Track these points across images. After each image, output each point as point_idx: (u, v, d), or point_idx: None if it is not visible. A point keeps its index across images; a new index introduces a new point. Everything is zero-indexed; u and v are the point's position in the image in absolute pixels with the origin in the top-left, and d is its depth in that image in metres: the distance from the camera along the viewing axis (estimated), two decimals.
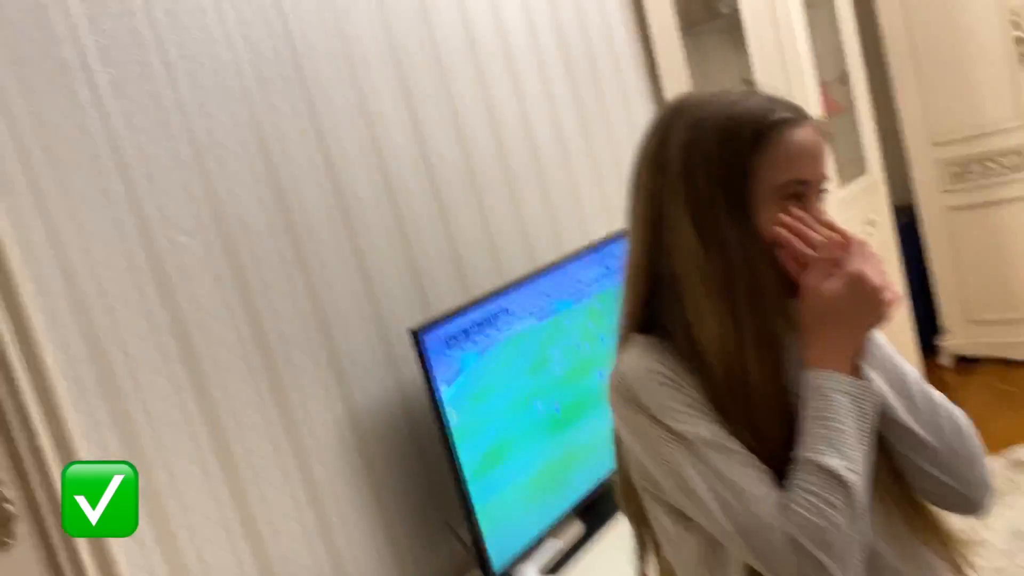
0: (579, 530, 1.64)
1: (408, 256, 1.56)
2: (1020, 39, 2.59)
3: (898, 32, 2.84)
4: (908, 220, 2.98)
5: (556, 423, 1.63)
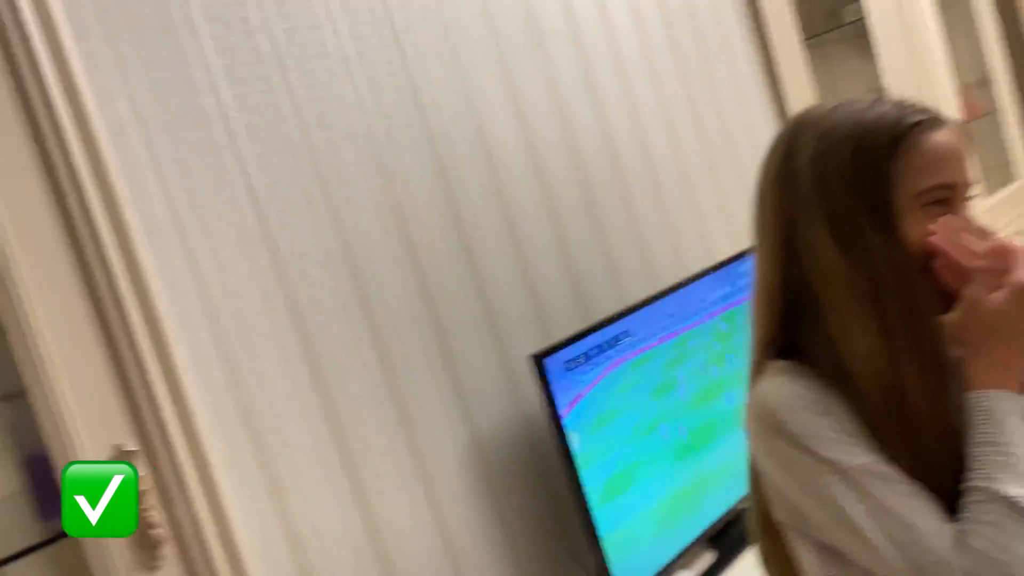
0: (710, 559, 1.59)
1: (527, 282, 1.57)
2: None
3: None
4: None
5: (683, 448, 1.58)
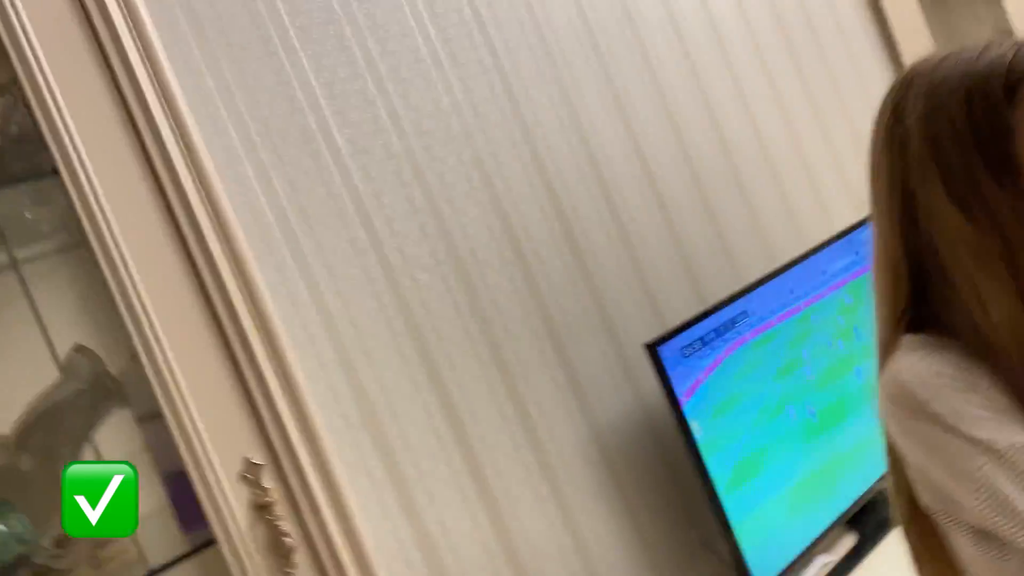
0: (851, 541, 1.52)
1: (636, 268, 1.55)
2: None
3: None
4: None
5: (813, 429, 1.52)
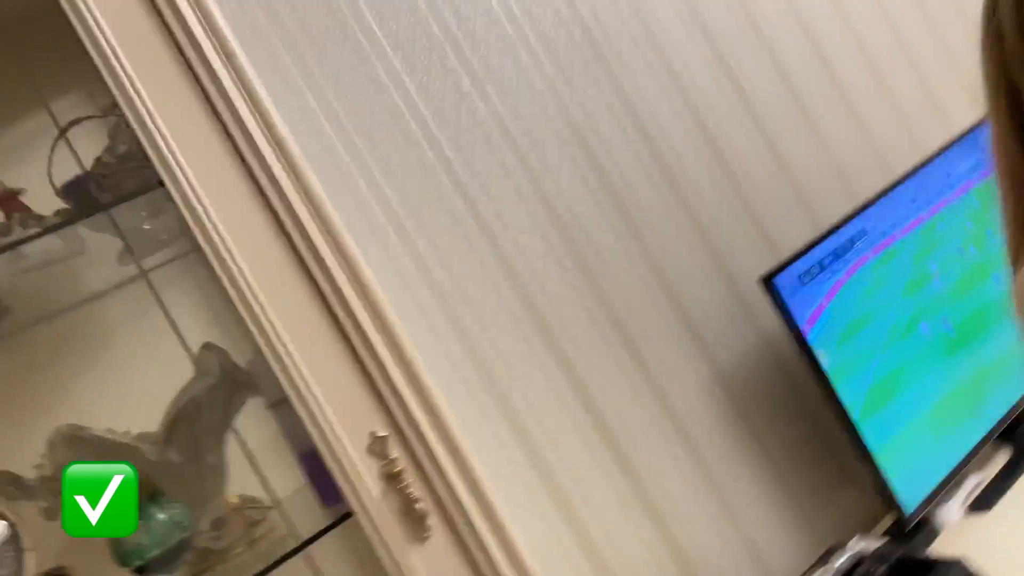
0: (1006, 455, 1.44)
1: (742, 200, 1.49)
2: None
3: None
4: None
5: (952, 344, 1.44)
